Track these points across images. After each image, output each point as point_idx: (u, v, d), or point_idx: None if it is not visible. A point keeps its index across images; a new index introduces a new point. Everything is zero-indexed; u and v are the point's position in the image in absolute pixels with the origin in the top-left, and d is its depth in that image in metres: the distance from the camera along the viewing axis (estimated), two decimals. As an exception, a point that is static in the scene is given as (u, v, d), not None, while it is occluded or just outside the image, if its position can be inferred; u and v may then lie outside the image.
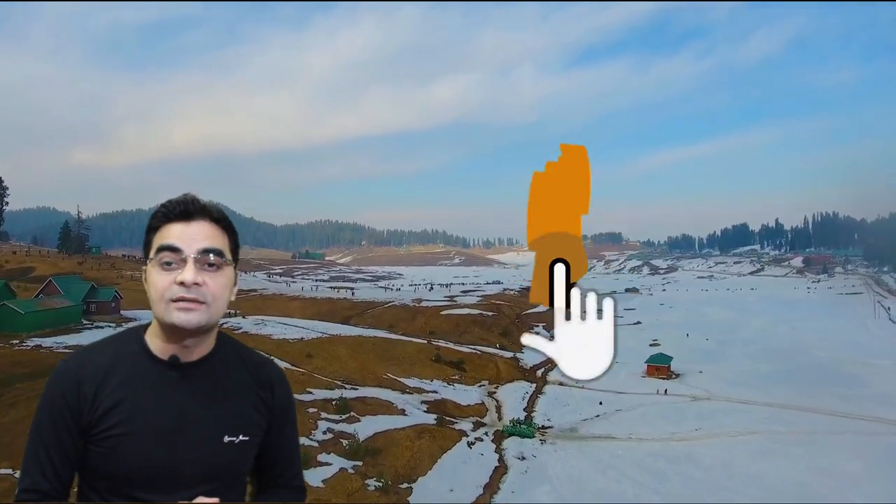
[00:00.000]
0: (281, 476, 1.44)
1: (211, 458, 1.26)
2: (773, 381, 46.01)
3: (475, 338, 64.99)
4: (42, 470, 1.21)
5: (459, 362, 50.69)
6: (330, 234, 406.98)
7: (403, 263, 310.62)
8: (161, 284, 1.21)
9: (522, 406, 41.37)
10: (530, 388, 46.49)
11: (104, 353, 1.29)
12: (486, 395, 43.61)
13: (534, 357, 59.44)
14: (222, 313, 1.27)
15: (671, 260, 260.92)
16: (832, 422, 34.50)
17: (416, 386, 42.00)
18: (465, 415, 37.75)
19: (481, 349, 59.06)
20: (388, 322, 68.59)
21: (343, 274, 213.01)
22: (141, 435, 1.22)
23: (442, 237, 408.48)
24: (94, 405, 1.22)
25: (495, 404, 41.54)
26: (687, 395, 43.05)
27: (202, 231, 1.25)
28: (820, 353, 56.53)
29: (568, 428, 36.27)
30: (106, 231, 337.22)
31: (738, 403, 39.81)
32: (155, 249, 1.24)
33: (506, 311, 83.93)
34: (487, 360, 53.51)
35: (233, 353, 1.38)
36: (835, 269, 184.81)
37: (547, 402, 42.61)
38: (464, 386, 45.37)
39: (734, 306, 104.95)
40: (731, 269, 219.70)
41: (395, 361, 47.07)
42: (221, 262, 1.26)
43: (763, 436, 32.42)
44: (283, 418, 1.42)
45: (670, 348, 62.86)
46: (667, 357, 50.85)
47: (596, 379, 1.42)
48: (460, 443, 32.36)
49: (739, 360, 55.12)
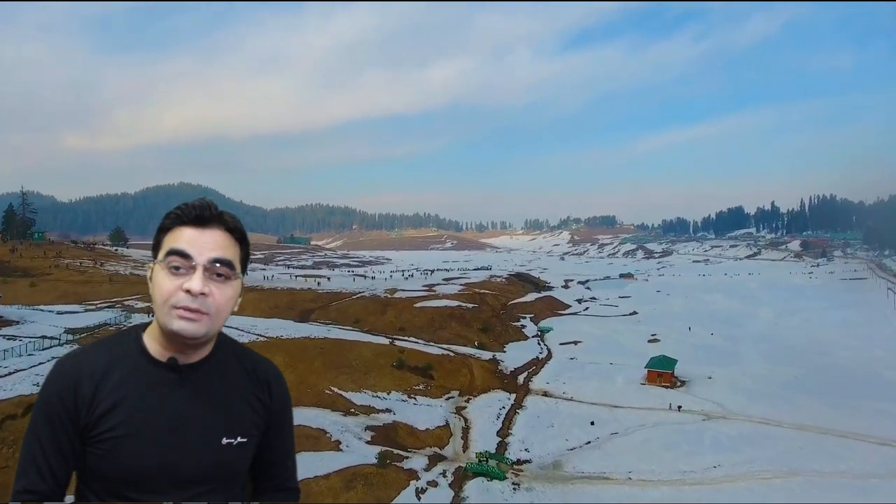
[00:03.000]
0: (277, 477, 1.45)
1: (209, 459, 1.27)
2: (798, 390, 38.47)
3: (451, 334, 56.99)
4: (39, 471, 1.21)
5: (426, 368, 42.67)
6: (320, 218, 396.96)
7: (394, 248, 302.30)
8: (167, 289, 1.20)
9: (496, 428, 33.50)
10: (508, 401, 38.61)
11: (102, 353, 1.29)
12: (453, 413, 35.67)
13: (516, 357, 51.62)
14: (223, 324, 1.27)
15: (666, 243, 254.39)
16: (890, 456, 26.92)
17: (365, 403, 33.92)
18: (420, 444, 29.81)
19: (455, 349, 51.07)
20: (353, 317, 60.33)
21: (328, 259, 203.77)
22: (139, 436, 1.22)
23: (434, 221, 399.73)
24: (91, 406, 1.23)
25: (462, 426, 33.62)
26: (697, 410, 35.36)
27: (215, 240, 1.24)
28: (844, 353, 49.13)
29: (550, 462, 28.42)
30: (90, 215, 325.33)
31: (761, 424, 32.16)
32: (164, 252, 1.23)
33: (490, 302, 75.89)
34: (460, 365, 45.52)
35: (230, 354, 1.37)
36: (834, 253, 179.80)
37: (527, 420, 34.76)
38: (428, 399, 37.41)
39: (736, 293, 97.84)
40: (727, 252, 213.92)
41: (345, 370, 38.91)
42: (230, 274, 1.24)
43: (804, 479, 24.73)
44: (280, 419, 1.42)
45: (672, 346, 55.25)
46: (670, 361, 43.10)
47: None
48: (407, 490, 24.46)
49: (753, 362, 47.57)
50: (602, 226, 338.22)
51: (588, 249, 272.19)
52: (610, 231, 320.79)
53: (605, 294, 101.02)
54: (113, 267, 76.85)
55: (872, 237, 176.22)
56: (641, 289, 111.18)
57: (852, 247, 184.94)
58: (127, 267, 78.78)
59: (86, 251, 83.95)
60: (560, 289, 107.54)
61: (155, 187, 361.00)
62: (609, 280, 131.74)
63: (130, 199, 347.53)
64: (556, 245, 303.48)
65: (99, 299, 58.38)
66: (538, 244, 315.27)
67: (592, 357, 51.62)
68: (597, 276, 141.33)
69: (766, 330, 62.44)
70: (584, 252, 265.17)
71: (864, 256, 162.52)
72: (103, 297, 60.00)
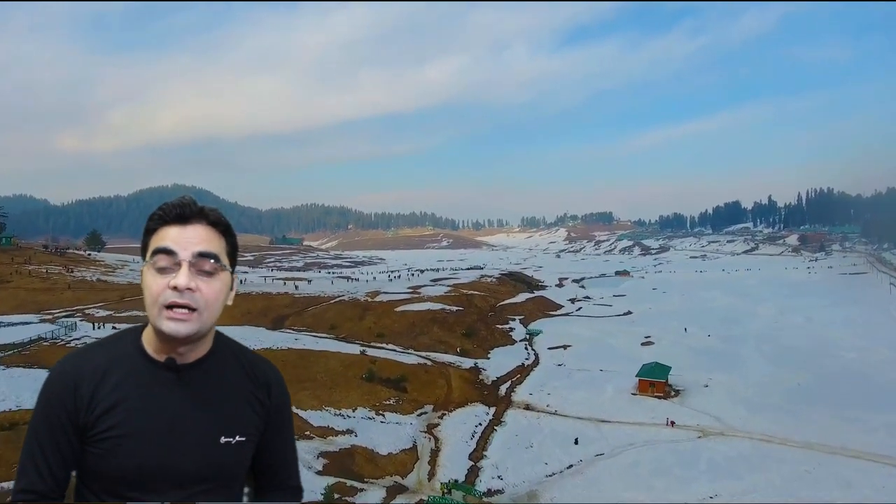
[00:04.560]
0: (277, 476, 1.45)
1: (208, 459, 1.27)
2: (803, 400, 35.19)
3: (433, 340, 53.62)
4: (38, 471, 1.23)
5: (399, 380, 39.30)
6: (316, 218, 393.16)
7: (389, 247, 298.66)
8: (155, 288, 1.21)
9: (469, 449, 30.13)
10: (486, 417, 35.27)
11: (101, 354, 1.30)
12: (424, 432, 32.30)
13: (500, 364, 48.29)
14: (215, 319, 1.27)
15: (663, 239, 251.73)
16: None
17: (323, 424, 30.51)
18: (380, 473, 26.42)
19: (434, 357, 47.69)
20: (329, 322, 56.90)
21: (319, 260, 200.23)
22: (138, 436, 1.23)
23: (431, 219, 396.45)
24: (91, 407, 1.24)
25: (432, 447, 30.25)
26: (692, 426, 32.04)
27: (198, 234, 1.25)
28: (851, 355, 45.89)
29: (525, 492, 25.07)
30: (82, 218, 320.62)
31: (763, 443, 28.84)
32: (150, 252, 1.24)
33: (478, 304, 72.49)
34: (437, 375, 42.14)
35: (229, 353, 1.38)
36: (832, 247, 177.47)
37: (504, 440, 31.40)
38: (397, 416, 34.03)
39: (734, 290, 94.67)
40: (725, 247, 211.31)
41: (308, 385, 35.48)
42: (216, 267, 1.25)
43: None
44: (280, 419, 1.43)
45: (667, 349, 52.01)
46: (663, 368, 39.78)
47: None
48: (355, 534, 21.05)
49: (754, 366, 44.29)
50: (599, 222, 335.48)
51: (585, 246, 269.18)
52: (607, 227, 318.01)
53: (599, 293, 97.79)
54: (81, 273, 73.20)
55: (870, 230, 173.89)
56: (637, 286, 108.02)
57: (850, 240, 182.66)
58: (96, 272, 75.11)
59: (56, 256, 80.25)
60: (554, 287, 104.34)
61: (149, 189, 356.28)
62: (604, 278, 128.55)
63: (123, 202, 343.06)
64: (552, 242, 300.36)
65: (59, 308, 54.80)
66: (535, 242, 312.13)
67: (582, 363, 48.34)
68: (592, 273, 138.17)
69: (765, 329, 59.20)
70: (581, 249, 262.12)
71: (862, 250, 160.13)
72: (64, 305, 56.43)
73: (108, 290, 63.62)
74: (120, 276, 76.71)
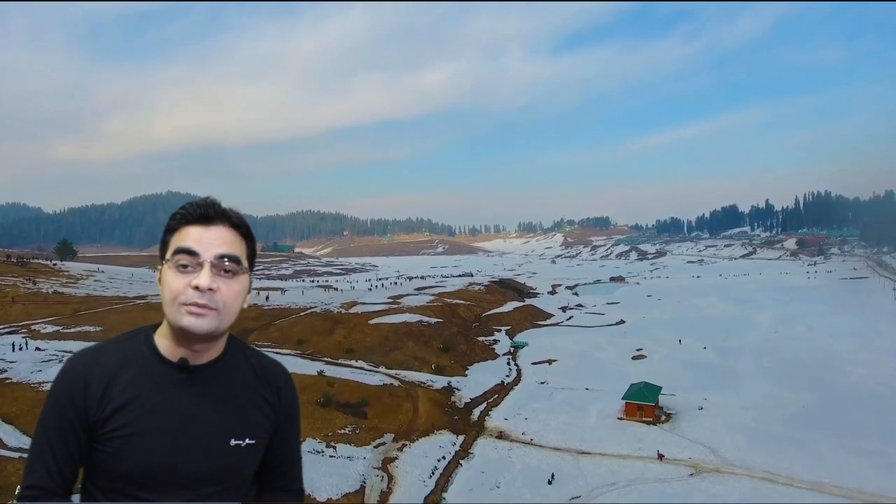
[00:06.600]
0: (282, 478, 1.45)
1: (217, 460, 1.29)
2: (811, 426, 31.15)
3: (406, 356, 49.51)
4: (46, 468, 1.23)
5: (359, 405, 35.20)
6: (311, 225, 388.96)
7: (384, 253, 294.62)
8: (175, 287, 1.22)
9: (426, 490, 26.00)
10: (452, 448, 31.14)
11: (112, 353, 1.30)
12: (377, 468, 28.16)
13: (477, 383, 44.15)
14: (233, 321, 1.28)
15: (660, 244, 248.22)
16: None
17: (258, 462, 26.30)
18: (313, 526, 22.28)
19: (405, 376, 43.58)
20: (296, 337, 52.80)
21: (310, 267, 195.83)
22: (148, 436, 1.24)
23: (427, 225, 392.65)
24: (101, 405, 1.24)
25: (383, 488, 26.11)
26: (683, 459, 27.98)
27: (220, 236, 1.27)
28: (860, 371, 41.93)
29: (483, 551, 20.96)
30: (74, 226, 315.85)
31: (766, 482, 24.81)
32: (172, 251, 1.25)
33: (461, 314, 68.40)
34: (404, 398, 38.03)
35: (240, 355, 1.39)
36: (830, 251, 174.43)
37: (468, 478, 27.29)
38: (351, 448, 29.92)
39: (732, 296, 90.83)
40: (722, 252, 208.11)
41: (251, 412, 31.28)
42: (237, 269, 1.26)
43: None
44: (289, 422, 1.44)
45: (659, 365, 48.05)
46: (653, 389, 35.73)
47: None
48: None
49: (753, 384, 40.29)
50: (596, 227, 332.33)
51: (581, 252, 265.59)
52: (604, 232, 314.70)
53: (592, 300, 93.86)
54: (40, 284, 68.95)
55: (869, 234, 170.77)
56: (632, 293, 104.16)
57: (849, 244, 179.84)
58: (56, 284, 70.86)
59: (17, 266, 76.06)
60: (546, 295, 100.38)
61: (142, 197, 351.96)
62: (599, 284, 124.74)
63: (116, 209, 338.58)
64: (548, 248, 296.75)
65: (3, 324, 50.68)
66: (531, 247, 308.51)
67: (566, 380, 44.32)
68: (587, 279, 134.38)
69: (765, 340, 55.26)
70: (577, 254, 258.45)
71: (861, 254, 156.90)
72: (10, 320, 52.23)
73: (62, 304, 59.42)
74: (81, 287, 72.50)
